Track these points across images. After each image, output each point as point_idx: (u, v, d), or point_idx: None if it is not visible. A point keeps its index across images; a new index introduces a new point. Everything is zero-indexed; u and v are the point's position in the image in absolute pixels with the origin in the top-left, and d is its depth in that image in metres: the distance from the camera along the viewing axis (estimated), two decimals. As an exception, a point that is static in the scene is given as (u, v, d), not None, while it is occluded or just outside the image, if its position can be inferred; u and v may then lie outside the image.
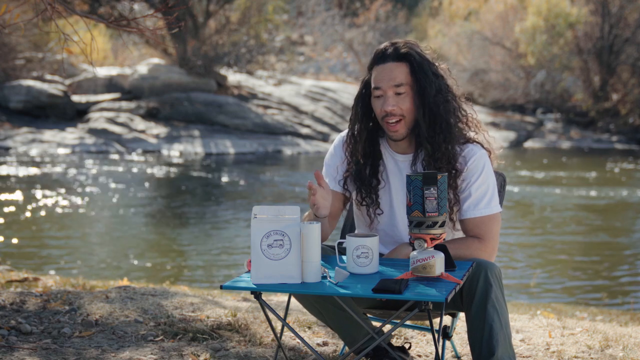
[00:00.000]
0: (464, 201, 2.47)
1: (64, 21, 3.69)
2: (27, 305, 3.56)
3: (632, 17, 24.43)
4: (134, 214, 10.70)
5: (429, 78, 2.45)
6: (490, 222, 2.46)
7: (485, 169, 2.49)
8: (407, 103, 2.45)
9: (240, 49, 22.87)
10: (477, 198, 2.46)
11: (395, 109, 2.45)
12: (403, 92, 2.45)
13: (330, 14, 30.18)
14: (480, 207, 2.46)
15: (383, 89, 2.45)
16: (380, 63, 2.48)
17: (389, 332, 2.16)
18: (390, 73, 2.45)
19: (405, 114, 2.46)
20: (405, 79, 2.45)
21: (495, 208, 2.48)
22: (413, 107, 2.46)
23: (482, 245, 2.44)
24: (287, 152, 18.63)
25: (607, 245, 9.10)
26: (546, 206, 11.78)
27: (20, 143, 17.47)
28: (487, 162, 2.50)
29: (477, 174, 2.47)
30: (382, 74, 2.46)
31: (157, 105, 20.26)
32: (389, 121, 2.46)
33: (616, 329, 3.66)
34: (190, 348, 3.01)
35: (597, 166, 17.24)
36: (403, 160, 2.56)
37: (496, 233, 2.47)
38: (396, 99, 2.45)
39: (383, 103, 2.46)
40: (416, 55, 2.46)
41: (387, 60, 2.47)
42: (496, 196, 2.50)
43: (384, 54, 2.48)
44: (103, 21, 3.38)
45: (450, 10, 32.04)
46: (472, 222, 2.47)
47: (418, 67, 2.45)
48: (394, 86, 2.44)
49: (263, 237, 2.12)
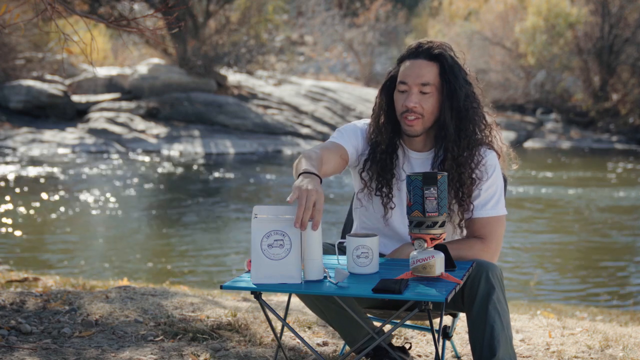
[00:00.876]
0: (473, 200, 2.47)
1: (64, 21, 3.69)
2: (27, 305, 3.56)
3: (632, 17, 24.43)
4: (134, 214, 10.70)
5: (459, 82, 2.44)
6: (495, 223, 2.46)
7: (496, 171, 2.49)
8: (429, 104, 2.44)
9: (240, 49, 22.87)
10: (485, 199, 2.46)
11: (417, 107, 2.43)
12: (428, 92, 2.43)
13: (330, 14, 30.18)
14: (488, 207, 2.46)
15: (409, 84, 2.44)
16: (412, 58, 2.46)
17: (389, 332, 2.16)
18: (420, 70, 2.43)
19: (425, 113, 2.44)
20: (433, 80, 2.43)
21: (502, 210, 2.48)
22: (435, 108, 2.45)
23: (484, 246, 2.44)
24: (287, 152, 18.64)
25: (608, 245, 9.10)
26: (546, 206, 11.78)
27: (20, 143, 17.47)
28: (497, 164, 2.51)
29: (487, 175, 2.47)
30: (411, 69, 2.44)
31: (157, 105, 20.26)
32: (408, 117, 2.45)
33: (616, 329, 3.66)
34: (190, 348, 3.01)
35: (597, 166, 17.24)
36: (416, 158, 2.56)
37: (500, 235, 2.47)
38: (420, 97, 2.43)
39: (406, 98, 2.44)
40: (449, 58, 2.45)
41: (418, 57, 2.45)
42: (503, 199, 2.51)
43: (417, 50, 2.47)
44: (103, 21, 3.38)
45: (450, 11, 32.03)
46: (478, 223, 2.46)
47: (449, 70, 2.44)
48: (420, 84, 2.43)
49: (263, 237, 2.11)
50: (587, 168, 16.84)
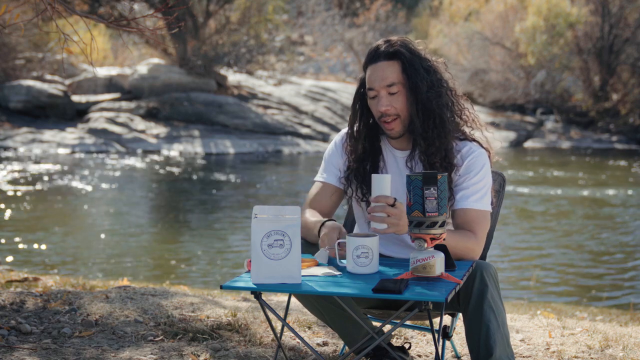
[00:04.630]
0: (457, 192, 2.47)
1: (64, 21, 3.69)
2: (27, 305, 3.56)
3: (632, 17, 24.44)
4: (134, 214, 10.70)
5: (420, 74, 2.44)
6: (479, 218, 2.45)
7: (484, 168, 2.49)
8: (400, 102, 2.45)
9: (240, 49, 22.86)
10: (470, 191, 2.46)
11: (390, 108, 2.45)
12: (396, 92, 2.44)
13: (330, 14, 30.17)
14: (472, 200, 2.45)
15: (376, 89, 2.45)
16: (373, 63, 2.47)
17: (389, 332, 2.16)
18: (382, 73, 2.45)
19: (399, 112, 2.46)
20: (397, 78, 2.44)
21: (486, 206, 2.48)
22: (407, 105, 2.46)
23: (473, 235, 2.43)
24: (287, 152, 18.63)
25: (608, 245, 9.09)
26: (546, 206, 11.78)
27: (20, 143, 17.47)
28: (486, 162, 2.50)
29: (475, 171, 2.47)
30: (375, 74, 2.46)
31: (157, 105, 20.26)
32: (385, 120, 2.47)
33: (616, 329, 3.66)
34: (190, 348, 3.01)
35: (597, 166, 17.24)
36: (402, 157, 2.57)
37: (484, 230, 2.46)
38: (389, 98, 2.45)
39: (377, 103, 2.46)
40: (406, 53, 2.45)
41: (378, 59, 2.46)
42: (489, 196, 2.50)
43: (375, 54, 2.48)
44: (103, 21, 3.37)
45: (451, 11, 32.03)
46: (462, 214, 2.45)
47: (409, 64, 2.44)
48: (386, 86, 2.44)
49: (263, 237, 2.12)
50: (587, 168, 16.84)
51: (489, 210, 2.49)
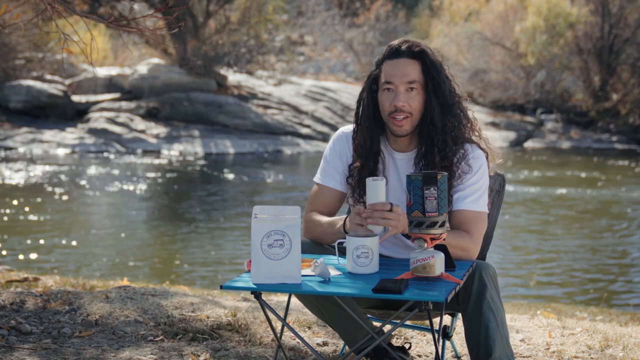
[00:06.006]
0: (453, 193, 2.47)
1: (64, 21, 3.69)
2: (27, 305, 3.56)
3: (632, 17, 24.42)
4: (134, 214, 10.70)
5: (442, 77, 2.46)
6: (476, 219, 2.45)
7: (481, 169, 2.49)
8: (416, 101, 2.45)
9: (240, 49, 22.85)
10: (467, 192, 2.46)
11: (406, 105, 2.44)
12: (415, 90, 2.44)
13: (330, 14, 30.16)
14: (468, 201, 2.46)
15: (395, 84, 2.44)
16: (394, 58, 2.47)
17: (389, 332, 2.16)
18: (404, 69, 2.44)
19: (413, 112, 2.46)
20: (418, 77, 2.44)
21: (483, 207, 2.48)
22: (421, 106, 2.46)
23: (470, 236, 2.43)
24: (287, 152, 18.63)
25: (608, 245, 9.09)
26: (546, 206, 11.78)
27: (20, 143, 17.46)
28: (484, 163, 2.51)
29: (472, 172, 2.47)
30: (396, 69, 2.45)
31: (157, 105, 20.25)
32: (397, 117, 2.45)
33: (616, 329, 3.66)
34: (190, 348, 3.01)
35: (597, 166, 17.24)
36: (401, 159, 2.56)
37: (481, 230, 2.46)
38: (407, 95, 2.44)
39: (394, 98, 2.44)
40: (430, 55, 2.47)
41: (400, 56, 2.46)
42: (485, 198, 2.50)
43: (398, 50, 2.47)
44: (103, 21, 3.37)
45: (451, 11, 32.02)
46: (459, 215, 2.46)
47: (432, 66, 2.45)
48: (407, 82, 2.43)
49: (263, 237, 2.12)
50: (587, 168, 16.84)
51: (486, 211, 2.49)
